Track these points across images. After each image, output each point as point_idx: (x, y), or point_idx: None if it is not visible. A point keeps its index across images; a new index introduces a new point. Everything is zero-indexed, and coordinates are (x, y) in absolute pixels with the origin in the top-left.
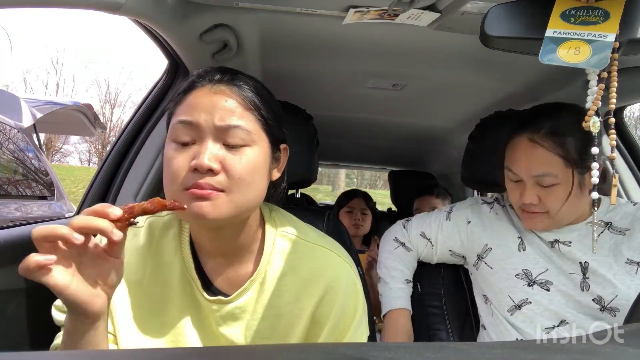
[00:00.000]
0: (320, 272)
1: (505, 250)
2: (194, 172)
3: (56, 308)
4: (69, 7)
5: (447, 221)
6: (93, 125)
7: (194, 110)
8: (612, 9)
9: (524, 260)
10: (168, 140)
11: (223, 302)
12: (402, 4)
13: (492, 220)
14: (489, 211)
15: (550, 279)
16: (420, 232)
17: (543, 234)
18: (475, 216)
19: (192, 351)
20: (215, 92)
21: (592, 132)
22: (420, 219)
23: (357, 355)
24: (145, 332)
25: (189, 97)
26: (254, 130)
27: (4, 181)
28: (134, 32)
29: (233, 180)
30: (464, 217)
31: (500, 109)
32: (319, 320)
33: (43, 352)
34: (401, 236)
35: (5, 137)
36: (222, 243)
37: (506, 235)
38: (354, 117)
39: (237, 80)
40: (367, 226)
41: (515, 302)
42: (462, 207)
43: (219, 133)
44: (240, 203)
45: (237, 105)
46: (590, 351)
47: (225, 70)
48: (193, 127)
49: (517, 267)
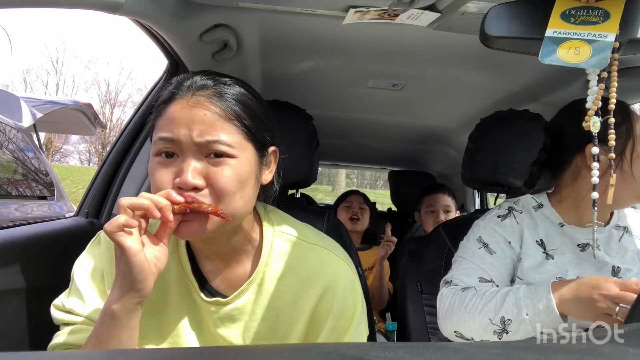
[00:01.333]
0: (318, 272)
1: (532, 261)
2: (178, 190)
3: (56, 307)
4: (69, 7)
5: (493, 255)
6: (93, 124)
7: (173, 126)
8: (612, 9)
9: (554, 269)
10: (151, 153)
11: (221, 304)
12: (402, 4)
13: (522, 229)
14: (515, 222)
15: None
16: (479, 277)
17: (576, 235)
18: (508, 234)
19: (191, 351)
20: (193, 105)
21: (592, 132)
22: (464, 270)
23: (357, 355)
24: (143, 335)
25: (168, 110)
26: (236, 141)
27: (4, 181)
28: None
29: (218, 194)
30: (502, 241)
31: (500, 109)
32: (318, 320)
33: (43, 352)
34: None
35: (5, 137)
36: (216, 246)
37: (531, 243)
38: (354, 117)
39: (219, 88)
40: (365, 221)
41: None
42: (489, 232)
43: (199, 148)
44: (228, 214)
45: (217, 118)
46: (590, 351)
47: (207, 77)
48: (174, 142)
49: (550, 276)
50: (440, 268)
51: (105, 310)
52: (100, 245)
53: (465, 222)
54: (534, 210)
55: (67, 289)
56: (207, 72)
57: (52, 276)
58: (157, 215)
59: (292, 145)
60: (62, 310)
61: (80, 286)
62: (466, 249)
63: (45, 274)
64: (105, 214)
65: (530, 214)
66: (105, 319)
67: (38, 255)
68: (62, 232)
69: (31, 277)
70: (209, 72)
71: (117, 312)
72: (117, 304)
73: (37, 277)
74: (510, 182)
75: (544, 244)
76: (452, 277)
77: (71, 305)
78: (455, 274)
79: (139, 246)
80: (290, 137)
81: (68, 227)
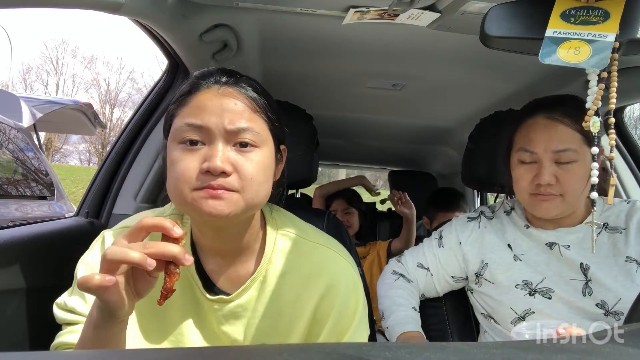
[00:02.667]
0: (321, 271)
1: (500, 263)
2: (205, 174)
3: (58, 306)
4: (69, 7)
5: (440, 248)
6: (93, 124)
7: (203, 113)
8: (612, 9)
9: (521, 271)
10: (172, 142)
11: (224, 301)
12: (402, 4)
13: (482, 235)
14: (477, 227)
15: (551, 287)
16: (417, 263)
17: (542, 235)
18: (464, 235)
19: (192, 351)
20: (223, 95)
21: (592, 132)
22: (414, 251)
23: (357, 355)
24: (146, 333)
25: (195, 99)
26: (262, 131)
27: (4, 181)
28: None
29: (245, 181)
30: (454, 240)
31: (500, 109)
32: (320, 318)
33: (43, 352)
34: (399, 269)
35: (5, 137)
36: (225, 242)
37: (499, 247)
38: (354, 117)
39: (242, 82)
40: (354, 224)
41: (518, 313)
42: (450, 229)
43: (229, 136)
44: (253, 202)
45: (246, 108)
46: (590, 351)
47: (229, 72)
48: (202, 130)
49: (516, 278)
50: None
51: (88, 322)
52: (103, 245)
53: None
54: (505, 215)
55: (69, 288)
56: (225, 69)
57: (52, 276)
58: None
59: (292, 145)
60: (64, 310)
61: None
62: (431, 237)
63: (45, 274)
64: (105, 214)
65: (500, 219)
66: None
67: (38, 255)
68: (62, 232)
69: (31, 277)
70: (227, 69)
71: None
72: (98, 320)
73: (37, 277)
74: (510, 182)
75: (511, 247)
76: (404, 253)
77: (73, 305)
78: (407, 253)
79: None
80: (290, 137)
81: (68, 227)
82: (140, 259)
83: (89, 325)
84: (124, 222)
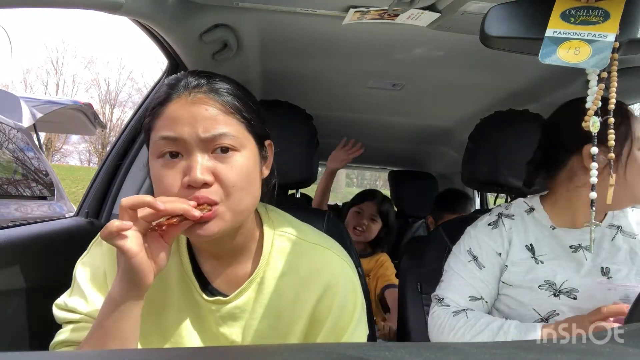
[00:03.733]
0: (319, 271)
1: (522, 266)
2: (188, 189)
3: (58, 306)
4: (69, 7)
5: (482, 270)
6: (93, 124)
7: (176, 124)
8: (612, 9)
9: (544, 272)
10: (152, 156)
11: (222, 302)
12: (402, 4)
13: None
14: (504, 230)
15: (576, 287)
16: (469, 297)
17: (568, 237)
18: (498, 244)
19: (191, 351)
20: (193, 102)
21: (592, 132)
22: (453, 286)
23: (357, 355)
24: (145, 335)
25: (167, 110)
26: (239, 133)
27: (4, 181)
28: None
29: (228, 190)
30: (491, 253)
31: (500, 109)
32: (318, 319)
33: (43, 352)
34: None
35: (5, 137)
36: (220, 245)
37: (519, 249)
38: (354, 117)
39: (214, 85)
40: (371, 234)
41: (542, 314)
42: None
43: (205, 144)
44: (239, 209)
45: (219, 112)
46: (590, 351)
47: (199, 75)
48: (178, 141)
49: (539, 279)
50: (440, 268)
51: (108, 301)
52: (102, 245)
53: (465, 222)
54: (526, 214)
55: (69, 289)
56: (197, 71)
57: (52, 276)
58: (160, 207)
59: (292, 145)
60: (64, 309)
61: (82, 285)
62: (457, 260)
63: (45, 274)
64: (105, 214)
65: (522, 218)
66: (108, 309)
67: (38, 255)
68: (62, 232)
69: (31, 277)
70: (198, 72)
71: (119, 302)
72: (119, 296)
73: (37, 277)
74: (510, 182)
75: (533, 249)
76: (443, 294)
77: (74, 304)
78: (446, 291)
79: (137, 248)
80: (290, 137)
81: (68, 227)
82: (152, 200)
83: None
84: None
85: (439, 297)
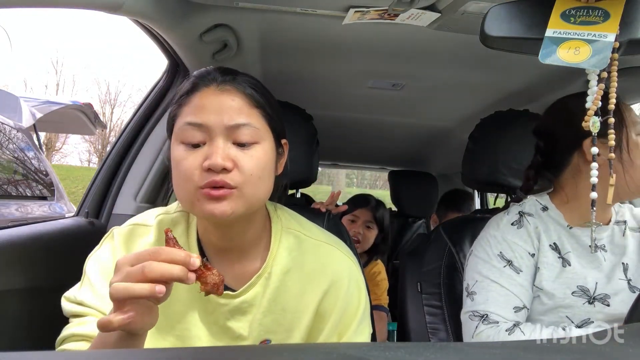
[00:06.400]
0: (324, 268)
1: (551, 269)
2: (207, 172)
3: (67, 299)
4: (69, 7)
5: (520, 275)
6: (93, 124)
7: (202, 112)
8: (612, 9)
9: (574, 275)
10: (175, 142)
11: (231, 297)
12: (402, 4)
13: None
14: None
15: (607, 292)
16: (513, 307)
17: (584, 237)
18: (528, 244)
19: (192, 352)
20: (221, 92)
21: (592, 132)
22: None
23: (357, 355)
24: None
25: (194, 99)
26: (261, 127)
27: (4, 181)
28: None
29: (245, 177)
30: (525, 255)
31: (500, 109)
32: (323, 314)
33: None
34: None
35: (5, 137)
36: (230, 240)
37: (545, 249)
38: (354, 117)
39: (240, 79)
40: (367, 244)
41: (576, 322)
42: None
43: (228, 132)
44: (253, 198)
45: (244, 104)
46: (590, 351)
47: (226, 71)
48: (202, 128)
49: (571, 284)
50: (440, 268)
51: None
52: (114, 239)
53: (465, 222)
54: (542, 212)
55: (78, 282)
56: (223, 67)
57: (53, 276)
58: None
59: (292, 146)
60: (73, 302)
61: (92, 279)
62: (490, 267)
63: (45, 274)
64: (105, 214)
65: (540, 217)
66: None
67: (38, 255)
68: (62, 232)
69: (31, 277)
70: (224, 68)
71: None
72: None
73: (37, 277)
74: (510, 182)
75: (558, 248)
76: (485, 310)
77: (83, 297)
78: (488, 305)
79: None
80: (290, 137)
81: (68, 227)
82: (149, 291)
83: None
84: (133, 220)
85: (480, 313)
